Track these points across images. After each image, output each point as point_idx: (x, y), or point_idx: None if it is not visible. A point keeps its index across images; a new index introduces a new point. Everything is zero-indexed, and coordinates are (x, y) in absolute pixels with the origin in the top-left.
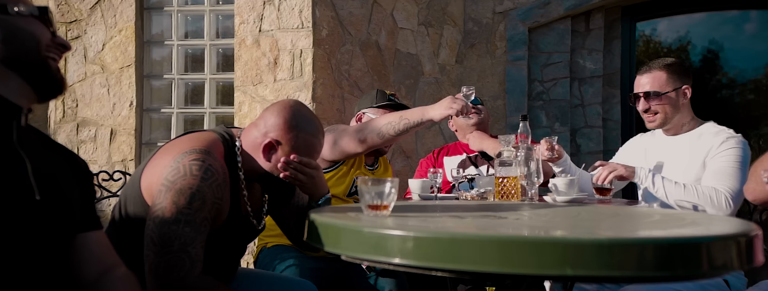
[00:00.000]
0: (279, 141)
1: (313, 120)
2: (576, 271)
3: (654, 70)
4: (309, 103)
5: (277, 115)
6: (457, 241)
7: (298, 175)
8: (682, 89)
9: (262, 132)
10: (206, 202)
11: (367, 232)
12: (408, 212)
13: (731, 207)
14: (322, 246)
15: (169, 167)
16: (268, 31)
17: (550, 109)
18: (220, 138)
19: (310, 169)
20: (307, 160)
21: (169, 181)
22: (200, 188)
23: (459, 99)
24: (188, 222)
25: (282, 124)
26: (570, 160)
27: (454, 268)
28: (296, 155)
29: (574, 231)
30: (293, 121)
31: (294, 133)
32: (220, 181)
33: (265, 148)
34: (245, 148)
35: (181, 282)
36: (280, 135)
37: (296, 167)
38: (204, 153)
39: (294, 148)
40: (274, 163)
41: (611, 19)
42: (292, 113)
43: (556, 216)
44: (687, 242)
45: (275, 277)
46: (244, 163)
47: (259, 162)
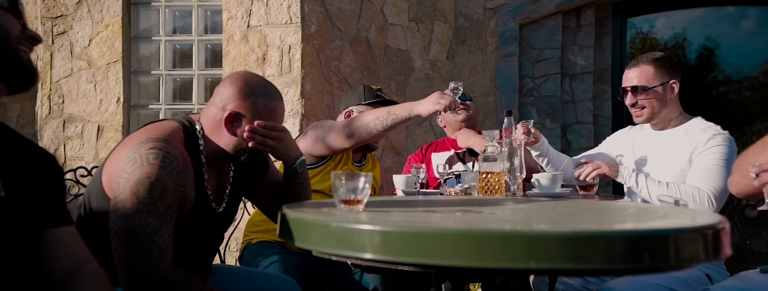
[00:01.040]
0: (238, 111)
1: (266, 84)
2: (540, 264)
3: (642, 64)
4: (298, 99)
5: (231, 86)
6: (422, 235)
7: (266, 141)
8: (670, 84)
9: (220, 107)
10: (167, 190)
11: (335, 226)
12: (384, 207)
13: (714, 206)
14: (293, 241)
15: (127, 158)
16: (257, 27)
17: (540, 106)
18: (180, 125)
19: (277, 133)
20: (272, 124)
21: (127, 172)
22: (159, 176)
23: (447, 94)
24: (151, 212)
25: (237, 94)
26: (548, 144)
27: (420, 262)
28: (259, 121)
29: (544, 224)
30: (247, 89)
31: (251, 100)
32: (181, 168)
33: (226, 121)
34: (207, 129)
35: (152, 273)
36: (238, 105)
37: (262, 133)
38: (161, 141)
39: (255, 114)
40: (240, 134)
41: (602, 15)
42: (244, 81)
43: (532, 210)
44: (653, 234)
45: (255, 273)
46: (206, 146)
47: (223, 139)
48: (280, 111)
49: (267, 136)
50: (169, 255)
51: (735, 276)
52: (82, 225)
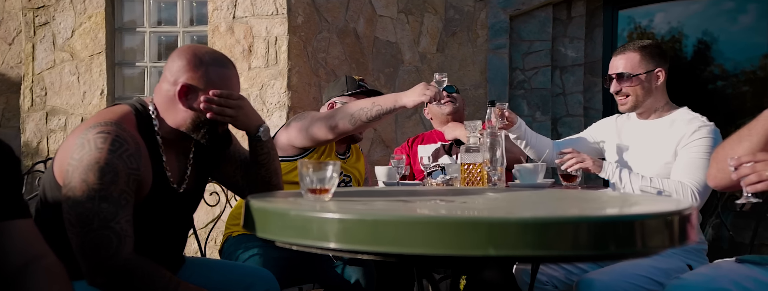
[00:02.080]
0: (191, 83)
1: (216, 53)
2: (499, 251)
3: (628, 52)
4: (284, 91)
5: (179, 59)
6: (380, 222)
7: (224, 110)
8: (655, 72)
9: (171, 81)
10: (119, 175)
11: (294, 215)
12: (353, 197)
13: (697, 200)
14: (255, 231)
15: (75, 145)
16: (242, 18)
17: (531, 98)
18: (132, 108)
19: (234, 101)
20: (228, 92)
21: (75, 159)
22: (109, 161)
23: (432, 86)
24: (104, 198)
25: (187, 65)
26: (525, 126)
27: (379, 250)
28: (215, 90)
29: (508, 212)
30: (197, 59)
31: (203, 69)
32: (133, 151)
33: (180, 95)
34: (161, 108)
35: (113, 260)
36: (189, 77)
37: (219, 102)
38: (110, 125)
39: (208, 83)
40: (196, 107)
41: (593, 7)
42: (192, 52)
43: (505, 199)
44: (618, 220)
45: (231, 266)
46: (162, 126)
47: (180, 115)
48: (235, 79)
49: (225, 105)
50: (130, 241)
51: (709, 264)
52: (39, 216)
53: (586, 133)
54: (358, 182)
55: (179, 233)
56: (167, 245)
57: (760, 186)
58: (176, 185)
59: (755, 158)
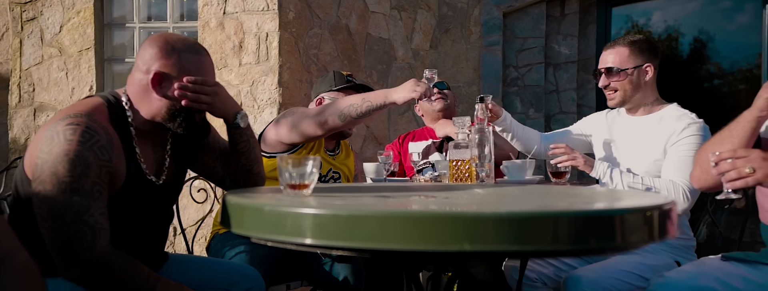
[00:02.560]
0: (164, 71)
1: (188, 40)
2: (474, 246)
3: (618, 46)
4: (275, 87)
5: (150, 47)
6: (354, 218)
7: (200, 97)
8: (644, 67)
9: (144, 70)
10: (90, 167)
11: (268, 210)
12: (334, 192)
13: (689, 200)
14: (230, 227)
15: (44, 137)
16: (233, 14)
17: (524, 95)
18: (103, 100)
19: (210, 87)
20: (203, 79)
21: (44, 152)
22: (79, 153)
23: (423, 82)
24: (75, 190)
25: (159, 53)
26: (511, 119)
27: (353, 245)
28: (189, 77)
29: (485, 207)
30: (168, 46)
31: (175, 56)
32: (104, 142)
33: (153, 83)
34: (135, 98)
35: (88, 253)
36: (162, 64)
37: (194, 89)
38: (79, 116)
39: (182, 70)
40: (171, 94)
41: (587, 4)
42: (164, 40)
43: (488, 195)
44: (597, 215)
45: (215, 263)
46: (136, 118)
47: (154, 104)
48: (209, 65)
49: (200, 91)
50: (105, 234)
51: (694, 262)
52: (13, 213)
53: (576, 126)
54: (348, 179)
55: (159, 227)
56: (147, 239)
57: (739, 183)
58: (153, 177)
59: (735, 154)
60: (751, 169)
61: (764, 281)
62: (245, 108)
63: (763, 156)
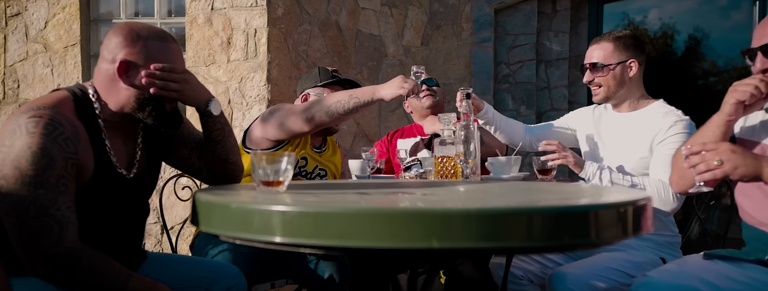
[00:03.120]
0: (130, 59)
1: (154, 28)
2: (442, 243)
3: (603, 42)
4: (264, 84)
5: (115, 36)
6: (322, 215)
7: (168, 85)
8: (628, 63)
9: (110, 59)
10: (55, 159)
11: (235, 207)
12: (309, 189)
13: (679, 199)
14: (199, 225)
15: (6, 132)
16: (221, 10)
17: (516, 92)
18: (69, 93)
19: (178, 74)
20: (171, 66)
21: (6, 145)
22: (43, 145)
23: (411, 79)
24: (40, 184)
25: (123, 41)
26: (494, 111)
27: (321, 243)
28: (156, 64)
29: (456, 203)
30: (133, 34)
31: (141, 44)
32: (69, 134)
33: (120, 72)
34: (102, 90)
35: (55, 248)
36: (127, 52)
37: (162, 76)
38: (42, 109)
39: (148, 58)
40: (138, 83)
41: (578, 1)
42: (128, 27)
43: (467, 192)
44: (569, 211)
45: (196, 262)
46: (104, 109)
47: (122, 94)
48: (176, 52)
49: (168, 78)
50: (73, 229)
51: (676, 261)
52: None
53: (562, 120)
54: (335, 176)
55: (134, 223)
56: (122, 236)
57: (707, 175)
58: (124, 170)
59: (705, 147)
60: (719, 162)
61: (746, 279)
62: (234, 105)
63: (731, 148)
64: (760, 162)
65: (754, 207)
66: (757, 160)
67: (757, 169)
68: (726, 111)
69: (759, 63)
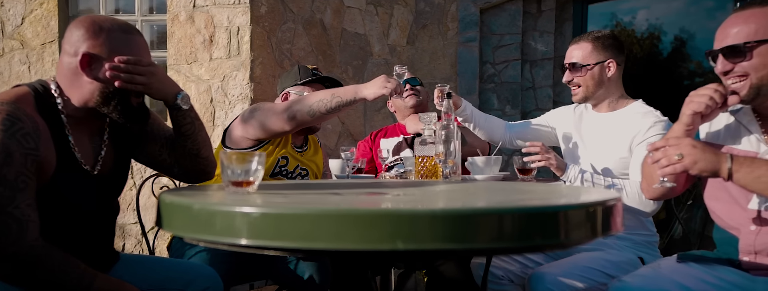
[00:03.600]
0: (92, 52)
1: (117, 20)
2: (408, 245)
3: (582, 42)
4: (247, 83)
5: (77, 28)
6: (284, 216)
7: (134, 78)
8: (606, 63)
9: (72, 53)
10: (13, 156)
11: (197, 208)
12: (281, 190)
13: (657, 201)
14: (162, 227)
15: None
16: (203, 7)
17: (501, 92)
18: (30, 89)
19: (144, 67)
20: (136, 59)
21: None
22: (1, 141)
23: (394, 79)
24: None
25: (86, 33)
26: (472, 108)
27: (284, 245)
28: (120, 57)
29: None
30: (95, 26)
31: (103, 36)
32: (29, 130)
33: (82, 65)
34: (65, 85)
35: (15, 246)
36: (90, 45)
37: (127, 69)
38: (1, 105)
39: (112, 50)
40: (102, 76)
41: (563, 1)
42: (90, 20)
43: (441, 192)
44: (536, 211)
45: (171, 263)
46: (67, 105)
47: (86, 89)
48: (142, 44)
49: (134, 71)
50: (34, 227)
51: (650, 264)
52: None
53: (543, 118)
54: (316, 176)
55: (103, 222)
56: (90, 235)
57: (668, 169)
58: (89, 167)
59: (667, 143)
60: (679, 156)
61: (718, 282)
62: (216, 104)
63: (692, 144)
64: (719, 158)
65: (724, 211)
66: (717, 156)
67: (715, 164)
68: (684, 121)
69: (720, 65)
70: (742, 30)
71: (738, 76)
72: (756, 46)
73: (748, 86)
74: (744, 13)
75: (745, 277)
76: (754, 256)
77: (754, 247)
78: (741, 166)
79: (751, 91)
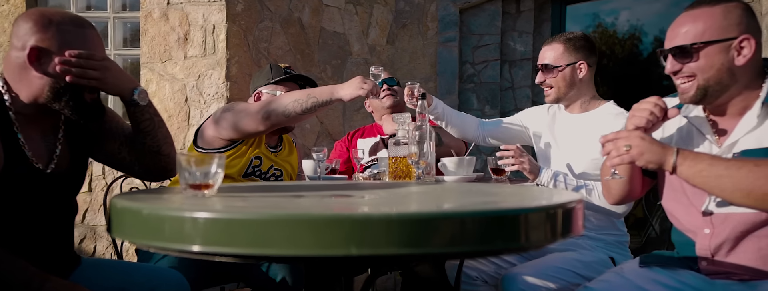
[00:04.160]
0: (41, 46)
1: (68, 13)
2: (362, 250)
3: (554, 43)
4: (223, 81)
5: (24, 22)
6: (235, 222)
7: (86, 72)
8: (577, 65)
9: (19, 47)
10: None
11: (146, 213)
12: (242, 192)
13: (631, 204)
14: (111, 232)
15: None
16: (178, 4)
17: (480, 92)
18: None
19: (97, 61)
20: (89, 53)
21: None
22: None
23: (370, 80)
24: None
25: (34, 26)
26: (444, 106)
27: (235, 252)
28: (71, 51)
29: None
30: (44, 19)
31: (53, 29)
32: None
33: (31, 59)
34: (12, 80)
35: None
36: (38, 38)
37: (78, 63)
38: None
39: (62, 44)
40: (52, 70)
41: (541, 2)
42: (39, 13)
43: (409, 194)
44: (494, 215)
45: (135, 267)
46: (14, 101)
47: (35, 84)
48: (94, 38)
49: (86, 66)
50: None
51: (613, 270)
52: None
53: (516, 117)
54: (291, 176)
55: (59, 222)
56: (47, 236)
57: (616, 160)
58: (41, 165)
59: (618, 135)
60: (627, 147)
61: (681, 286)
62: (191, 103)
63: (641, 136)
64: (666, 151)
65: (682, 213)
66: (664, 149)
67: (661, 157)
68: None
69: (669, 65)
70: (690, 30)
71: (686, 76)
72: (703, 47)
73: (695, 87)
74: (693, 12)
75: (705, 281)
76: (711, 259)
77: (709, 250)
78: (685, 160)
79: (698, 91)
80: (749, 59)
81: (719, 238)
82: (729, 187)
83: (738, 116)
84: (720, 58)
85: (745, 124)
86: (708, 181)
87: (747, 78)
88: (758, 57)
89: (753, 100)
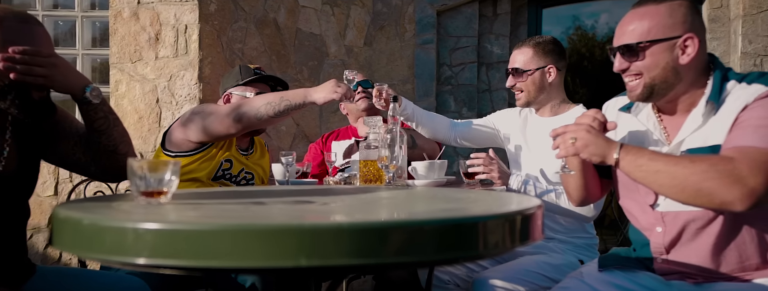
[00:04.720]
0: None
1: (11, 8)
2: (311, 261)
3: (524, 47)
4: (195, 82)
5: None
6: (178, 233)
7: (33, 69)
8: (547, 69)
9: None
10: None
11: (86, 223)
12: (198, 199)
13: (597, 206)
14: (52, 243)
15: None
16: (148, 4)
17: (458, 94)
18: None
19: (43, 58)
20: (34, 49)
21: None
22: None
23: (344, 84)
24: None
25: None
26: (414, 106)
27: (180, 264)
28: (15, 47)
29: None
30: None
31: None
32: None
33: None
34: None
35: None
36: None
37: (23, 60)
38: None
39: (6, 41)
40: None
41: (518, 5)
42: None
43: (373, 200)
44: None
45: (95, 275)
46: None
47: None
48: (41, 35)
49: (31, 63)
50: None
51: (572, 275)
52: None
53: (487, 119)
54: (262, 180)
55: (10, 227)
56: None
57: (562, 152)
58: None
59: (566, 129)
60: (573, 140)
61: (639, 288)
62: (163, 104)
63: (588, 129)
64: (610, 145)
65: (638, 211)
66: (608, 143)
67: (605, 150)
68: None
69: (617, 63)
70: (637, 28)
71: (633, 74)
72: (649, 46)
73: (642, 85)
74: (640, 9)
75: (661, 282)
76: (665, 259)
77: (663, 248)
78: (627, 154)
79: (644, 90)
80: (693, 58)
81: (670, 235)
82: (666, 182)
83: (686, 114)
84: (665, 56)
85: (691, 122)
86: (647, 176)
87: (692, 76)
88: (703, 55)
89: (699, 98)
